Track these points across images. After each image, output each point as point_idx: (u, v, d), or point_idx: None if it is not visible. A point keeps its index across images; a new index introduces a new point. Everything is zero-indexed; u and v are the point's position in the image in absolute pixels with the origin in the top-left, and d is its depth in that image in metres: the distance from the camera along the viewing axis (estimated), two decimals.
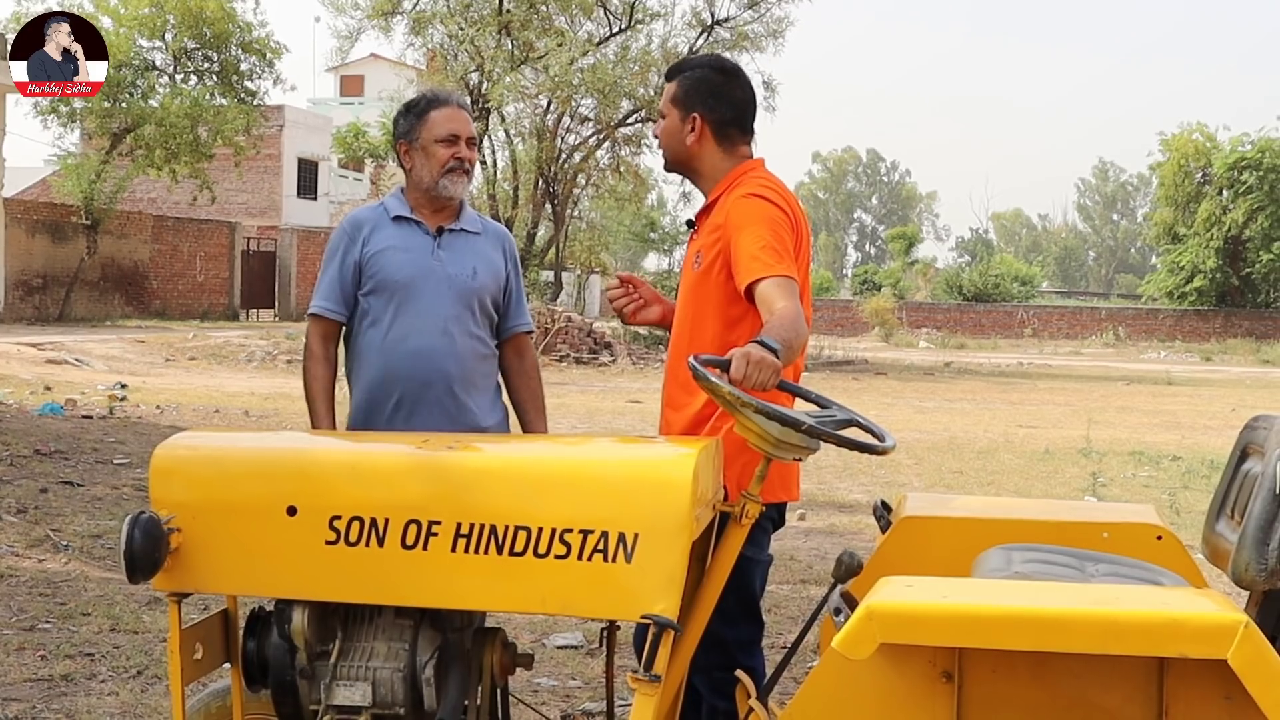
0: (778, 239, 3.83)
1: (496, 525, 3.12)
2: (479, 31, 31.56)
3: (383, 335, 4.33)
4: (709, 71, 4.13)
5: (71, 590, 7.23)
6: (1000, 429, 18.10)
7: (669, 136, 4.14)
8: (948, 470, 13.43)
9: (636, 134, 33.97)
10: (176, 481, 3.34)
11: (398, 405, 4.30)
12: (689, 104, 4.11)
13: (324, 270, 4.46)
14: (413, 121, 4.46)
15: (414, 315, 4.31)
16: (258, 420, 15.69)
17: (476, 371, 4.40)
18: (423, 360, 4.28)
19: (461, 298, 4.36)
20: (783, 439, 3.29)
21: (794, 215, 3.96)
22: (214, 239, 42.98)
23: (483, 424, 4.38)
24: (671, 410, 4.11)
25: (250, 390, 19.98)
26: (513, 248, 4.62)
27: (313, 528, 3.22)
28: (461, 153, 4.41)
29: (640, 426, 16.42)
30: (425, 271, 4.34)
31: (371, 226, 4.41)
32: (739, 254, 3.83)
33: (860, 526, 9.99)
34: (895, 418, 19.20)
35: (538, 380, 4.65)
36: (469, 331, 4.38)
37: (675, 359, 4.08)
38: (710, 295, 3.99)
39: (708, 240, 4.02)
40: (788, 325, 3.55)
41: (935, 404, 22.53)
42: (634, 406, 19.52)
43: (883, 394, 24.60)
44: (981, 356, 42.30)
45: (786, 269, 3.75)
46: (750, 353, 3.32)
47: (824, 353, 35.71)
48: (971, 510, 4.02)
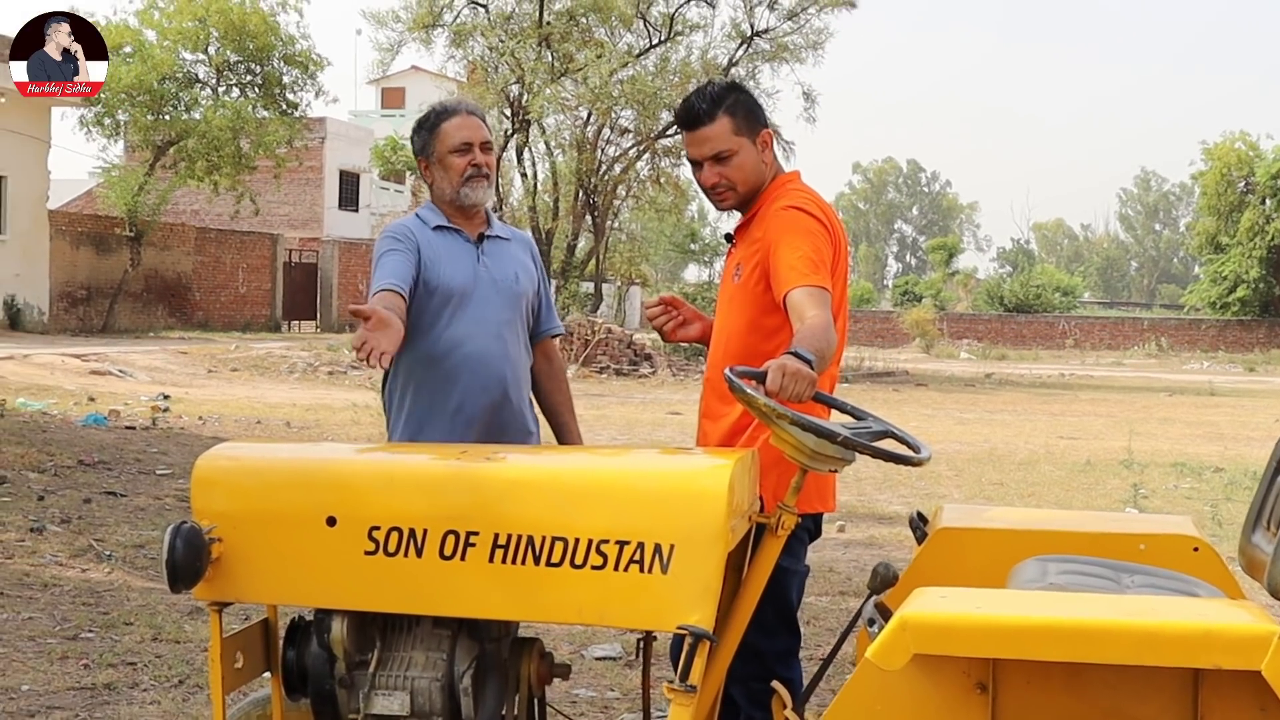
0: (815, 250, 3.85)
1: (534, 536, 3.14)
2: (519, 44, 31.70)
3: (435, 342, 4.31)
4: (737, 93, 4.11)
5: (114, 600, 7.29)
6: (1041, 440, 18.01)
7: (749, 170, 4.07)
8: (988, 482, 13.38)
9: (676, 145, 33.99)
10: (218, 492, 3.37)
11: (457, 412, 4.30)
12: (753, 125, 4.09)
13: (381, 263, 4.30)
14: (426, 137, 4.45)
15: (470, 321, 4.32)
16: (299, 431, 15.77)
17: (524, 377, 4.45)
18: (481, 365, 4.30)
19: (510, 303, 4.40)
20: (818, 450, 3.31)
21: (832, 228, 3.99)
22: (256, 251, 43.25)
23: (530, 428, 4.42)
24: (709, 421, 4.13)
25: (292, 401, 20.09)
26: (538, 253, 4.66)
27: (352, 538, 3.25)
28: (477, 159, 4.39)
29: (680, 438, 16.42)
30: (474, 278, 4.36)
31: (417, 237, 4.38)
32: (776, 265, 3.86)
33: (900, 539, 9.97)
34: (936, 429, 19.13)
35: (567, 384, 4.71)
36: (517, 335, 4.42)
37: (713, 370, 4.11)
38: (748, 306, 4.02)
39: (747, 252, 4.05)
40: (819, 334, 3.57)
41: (976, 415, 22.44)
42: (674, 418, 19.53)
43: (923, 405, 24.52)
44: (1023, 367, 42.08)
45: (820, 279, 3.78)
46: (786, 364, 3.33)
47: (864, 364, 35.63)
48: (1007, 521, 4.01)
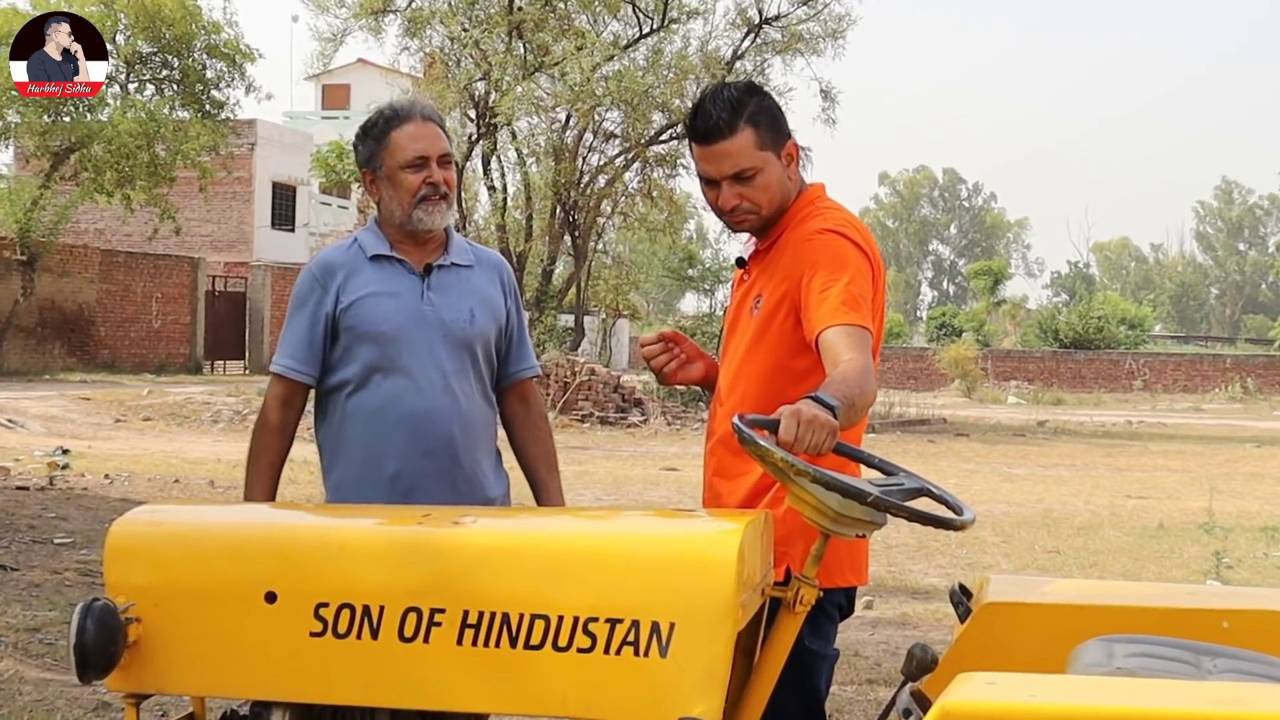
0: (856, 284, 3.86)
1: (510, 614, 3.16)
2: (485, 33, 31.78)
3: (371, 399, 4.34)
4: (759, 98, 4.10)
5: (3, 695, 7.23)
6: (1105, 500, 18.03)
7: (775, 190, 4.08)
8: (1042, 549, 13.40)
9: (672, 153, 34.07)
10: (136, 563, 3.38)
11: (395, 480, 4.31)
12: (778, 137, 4.09)
13: (289, 322, 4.46)
14: (372, 146, 4.46)
15: (407, 373, 4.33)
16: (225, 492, 15.75)
17: (482, 433, 4.44)
18: (423, 426, 4.31)
19: (460, 347, 4.39)
20: (843, 512, 3.33)
21: (873, 257, 4.00)
22: (173, 277, 43.29)
23: (490, 494, 4.42)
24: (722, 480, 4.13)
25: (216, 456, 20.06)
26: (511, 279, 4.65)
27: (295, 617, 3.26)
28: (434, 176, 4.39)
29: (677, 499, 16.42)
30: (416, 319, 4.36)
31: (346, 271, 4.40)
32: (809, 299, 3.86)
33: (937, 616, 9.98)
34: (979, 487, 19.15)
35: (548, 432, 4.69)
36: (472, 387, 4.41)
37: (726, 419, 4.09)
38: (774, 346, 4.03)
39: (770, 283, 4.06)
40: (852, 380, 3.56)
41: (1027, 470, 22.47)
42: (670, 475, 19.53)
43: (964, 459, 24.55)
44: (1082, 414, 42.14)
45: (860, 317, 3.78)
46: (801, 411, 3.33)
47: (894, 410, 35.64)
48: (1066, 595, 4.02)
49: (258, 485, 4.40)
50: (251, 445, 4.45)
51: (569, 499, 4.87)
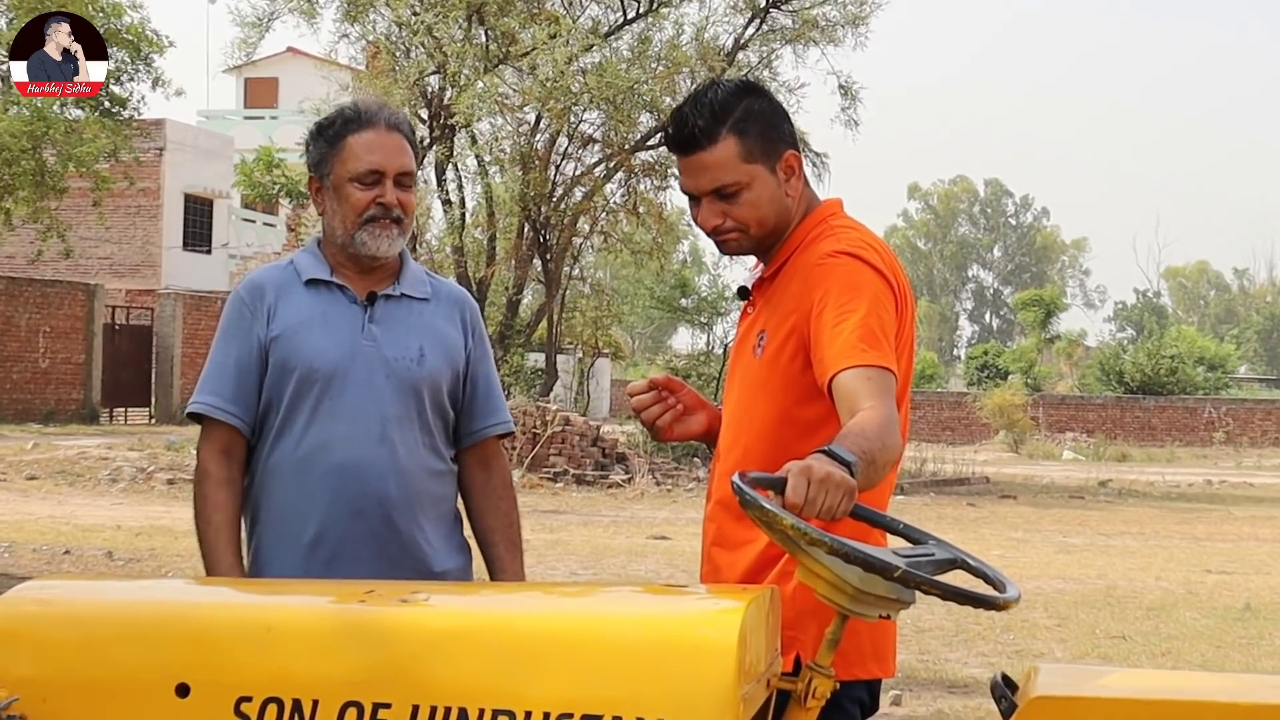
0: (876, 316, 3.84)
1: (468, 709, 3.16)
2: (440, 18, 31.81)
3: (294, 447, 4.36)
4: (752, 98, 4.10)
5: None
6: (1180, 575, 18.05)
7: (765, 207, 4.09)
8: (1104, 634, 13.41)
9: (661, 161, 34.06)
10: (22, 650, 3.37)
11: (316, 545, 4.33)
12: (771, 146, 4.09)
13: (212, 354, 4.47)
14: (324, 149, 4.47)
15: (337, 417, 4.35)
16: (127, 566, 15.72)
17: (427, 494, 4.44)
18: (351, 480, 4.32)
19: (404, 390, 4.40)
20: (864, 588, 3.34)
21: (898, 283, 3.98)
22: (64, 308, 43.27)
23: (436, 568, 4.42)
24: (722, 549, 4.12)
25: (115, 522, 20.02)
26: (476, 316, 4.66)
27: (212, 713, 3.25)
28: (386, 196, 4.40)
29: (668, 573, 16.40)
30: (351, 355, 4.37)
31: (276, 293, 4.43)
32: (821, 335, 3.84)
33: (978, 714, 9.98)
34: (1029, 559, 19.16)
35: (511, 501, 4.68)
36: (415, 438, 4.42)
37: (725, 478, 4.03)
38: (778, 392, 4.02)
39: (775, 316, 4.05)
40: (872, 433, 3.55)
41: (1086, 540, 22.48)
42: (659, 545, 19.51)
43: (1010, 525, 24.56)
44: (1152, 472, 42.18)
45: (882, 358, 3.76)
46: (813, 468, 3.32)
47: (926, 467, 35.64)
48: (1132, 689, 4.01)
49: (219, 547, 4.35)
50: (196, 507, 4.43)
51: (538, 574, 4.88)
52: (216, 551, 4.34)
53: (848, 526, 3.60)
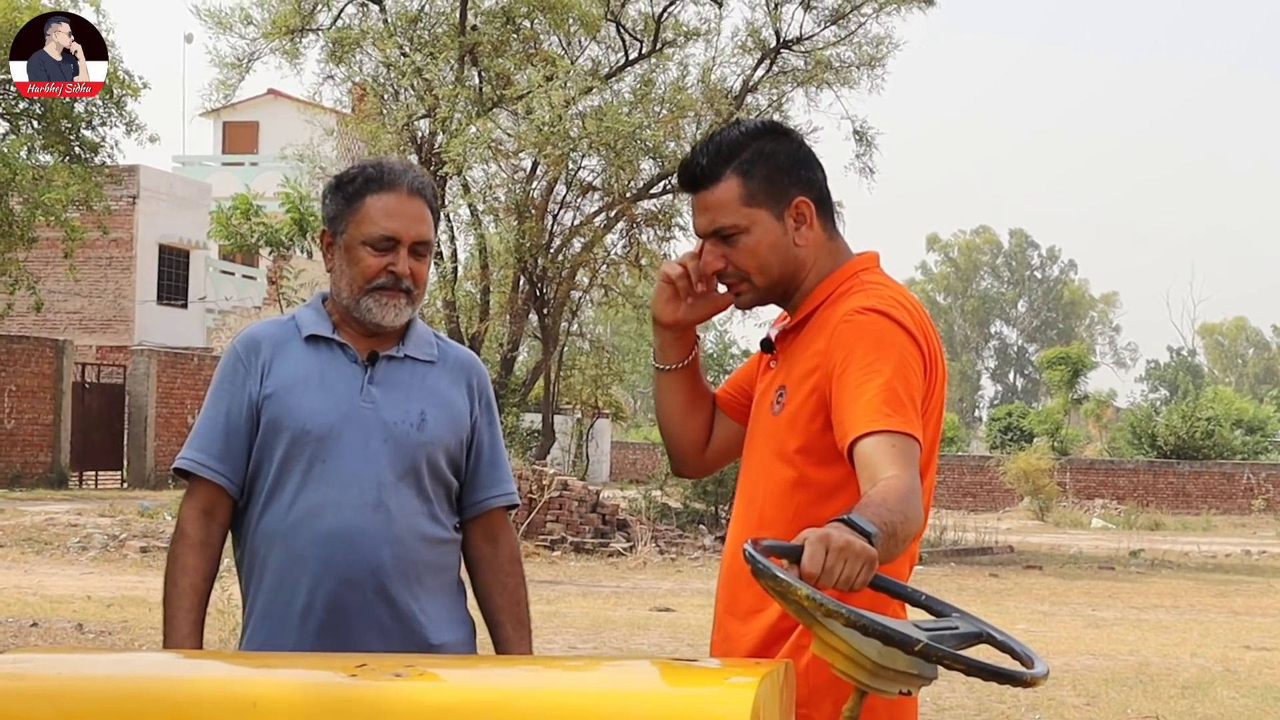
0: (902, 379, 3.86)
1: None
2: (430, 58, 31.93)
3: (284, 512, 4.38)
4: (767, 139, 4.13)
5: None
6: (1217, 652, 18.02)
7: (766, 256, 4.11)
8: (1136, 714, 13.37)
9: (665, 210, 34.09)
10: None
11: (306, 614, 4.35)
12: (778, 190, 4.10)
13: (204, 409, 4.50)
14: (340, 205, 4.51)
15: (331, 482, 4.37)
16: (99, 639, 15.70)
17: (425, 564, 4.45)
18: (343, 547, 4.34)
19: (402, 455, 4.41)
20: (884, 663, 3.35)
21: (928, 346, 4.00)
22: (31, 365, 43.26)
23: (434, 640, 4.43)
24: (734, 620, 4.13)
25: (85, 593, 19.99)
26: (484, 383, 4.67)
27: None
28: (399, 265, 4.42)
29: (673, 647, 16.38)
30: (348, 416, 4.40)
31: (273, 349, 4.46)
32: (843, 396, 3.86)
33: None
34: (1056, 633, 19.13)
35: (519, 578, 4.68)
36: (413, 504, 4.43)
37: (739, 542, 4.06)
38: (796, 452, 4.03)
39: (795, 373, 4.06)
40: (894, 504, 3.58)
41: (1117, 613, 22.45)
42: (663, 618, 19.47)
43: (1036, 597, 24.52)
44: (1187, 541, 42.12)
45: (906, 423, 3.78)
46: (831, 536, 3.34)
47: (947, 535, 35.61)
48: None
49: (178, 615, 4.37)
50: (167, 568, 4.44)
51: (535, 647, 4.88)
52: (175, 618, 4.36)
53: (865, 598, 3.62)
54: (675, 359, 4.41)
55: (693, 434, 4.49)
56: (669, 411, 4.49)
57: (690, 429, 4.49)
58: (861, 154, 34.53)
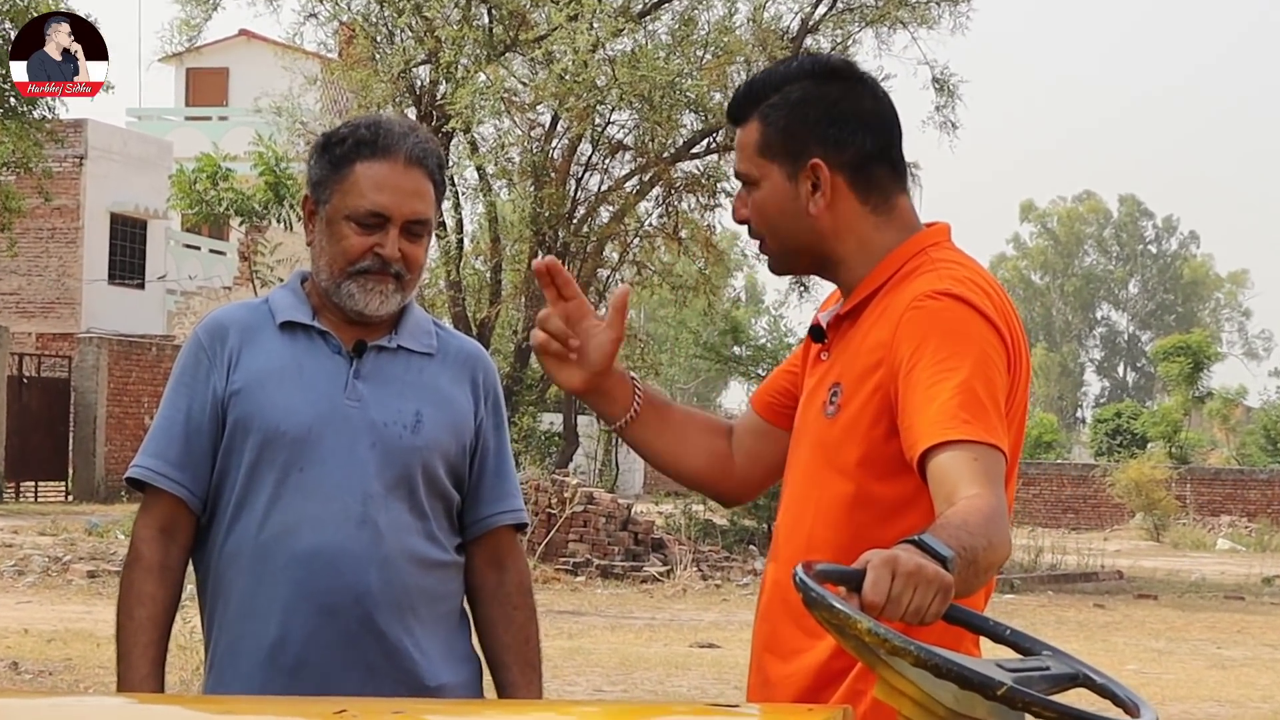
0: (983, 378, 3.79)
1: None
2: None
3: (255, 529, 4.36)
4: (810, 83, 4.10)
5: None
6: None
7: (773, 216, 4.10)
8: None
9: (709, 172, 34.05)
10: None
11: (277, 651, 4.34)
12: (794, 146, 4.07)
13: (161, 409, 4.48)
14: (325, 169, 4.46)
15: (309, 493, 4.35)
16: (37, 680, 15.75)
17: (420, 591, 4.44)
18: (321, 570, 4.32)
19: (393, 463, 4.40)
20: (960, 710, 3.34)
21: (1011, 336, 3.94)
22: None
23: (429, 681, 4.42)
24: (776, 659, 4.10)
25: (22, 625, 20.05)
26: (491, 379, 4.65)
27: None
28: (386, 248, 4.38)
29: (716, 690, 16.39)
30: (330, 416, 4.38)
31: (242, 337, 4.43)
32: (912, 398, 3.79)
33: None
34: (1173, 675, 19.11)
35: (529, 612, 4.67)
36: (405, 521, 4.41)
37: (785, 568, 4.01)
38: (854, 462, 3.98)
39: (857, 367, 4.00)
40: (975, 525, 3.52)
41: (1247, 651, 22.39)
42: (705, 655, 19.50)
43: (1149, 632, 24.49)
44: None
45: (988, 432, 3.72)
46: (899, 560, 3.27)
47: (1043, 558, 35.55)
48: None
49: (134, 651, 4.34)
50: (121, 597, 4.41)
51: (554, 690, 4.88)
52: (132, 656, 4.33)
53: (937, 633, 3.60)
54: (620, 410, 4.37)
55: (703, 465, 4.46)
56: (660, 461, 4.48)
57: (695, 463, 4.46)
58: (942, 105, 34.61)
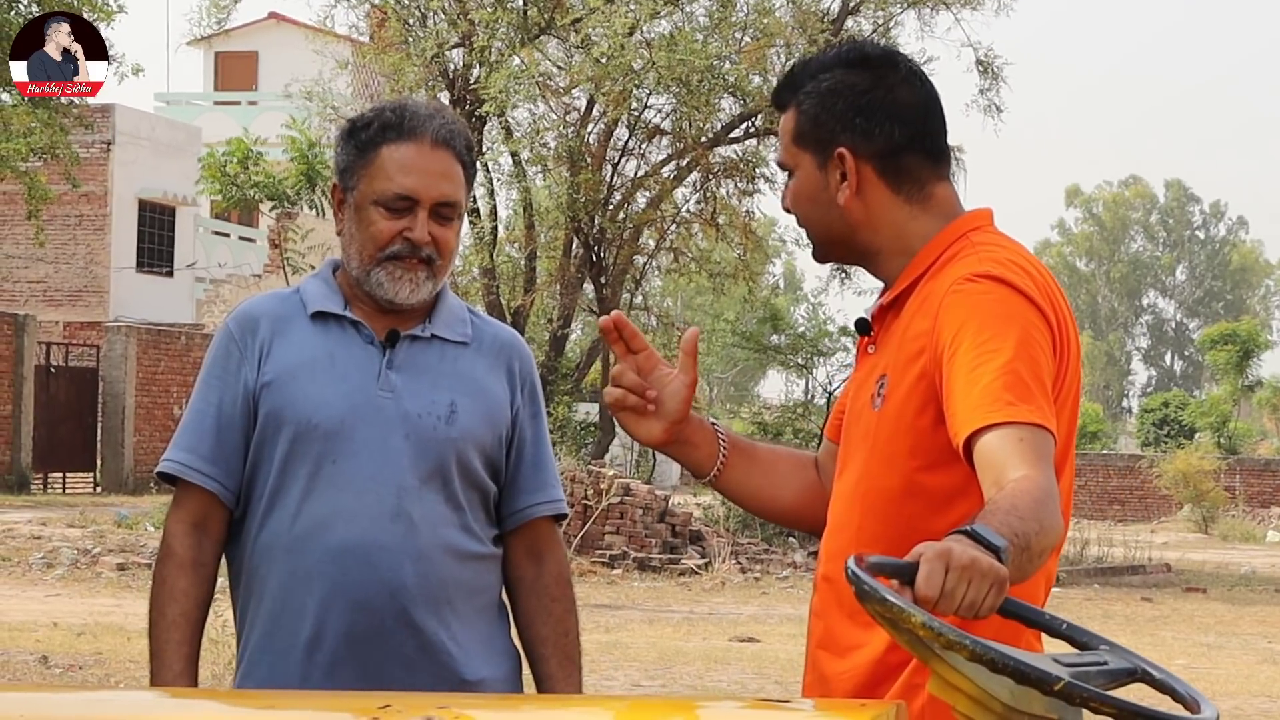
0: (1027, 358, 3.77)
1: None
2: None
3: (288, 523, 4.36)
4: (842, 71, 4.10)
5: None
6: None
7: (805, 204, 4.13)
8: None
9: (748, 157, 34.02)
10: None
11: (314, 646, 4.34)
12: (822, 134, 4.08)
13: (192, 401, 4.48)
14: (351, 155, 4.46)
15: (343, 486, 4.35)
16: (66, 674, 15.76)
17: (457, 584, 4.43)
18: (356, 564, 4.32)
19: (428, 454, 4.39)
20: (1017, 705, 3.33)
21: (1056, 317, 3.93)
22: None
23: (468, 675, 4.41)
24: (830, 655, 4.09)
25: (51, 618, 20.08)
26: (528, 368, 4.64)
27: None
28: (415, 231, 4.36)
29: (756, 684, 16.36)
30: (363, 408, 4.37)
31: (273, 328, 4.43)
32: (955, 381, 3.77)
33: None
34: (1224, 670, 19.07)
35: (568, 604, 4.65)
36: (440, 513, 4.40)
37: (835, 561, 4.00)
38: (902, 453, 3.97)
39: (903, 356, 3.99)
40: (1027, 510, 3.49)
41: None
42: (744, 649, 19.48)
43: (1199, 626, 24.44)
44: None
45: (1035, 412, 3.68)
46: (952, 552, 3.26)
47: (1089, 551, 35.47)
48: None
49: (168, 649, 4.35)
50: (153, 593, 4.41)
51: (592, 685, 4.87)
52: (165, 653, 4.33)
53: (993, 627, 3.58)
54: (710, 462, 4.37)
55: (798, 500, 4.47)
56: (754, 503, 4.49)
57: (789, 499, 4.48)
58: (986, 88, 34.52)
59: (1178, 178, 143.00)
